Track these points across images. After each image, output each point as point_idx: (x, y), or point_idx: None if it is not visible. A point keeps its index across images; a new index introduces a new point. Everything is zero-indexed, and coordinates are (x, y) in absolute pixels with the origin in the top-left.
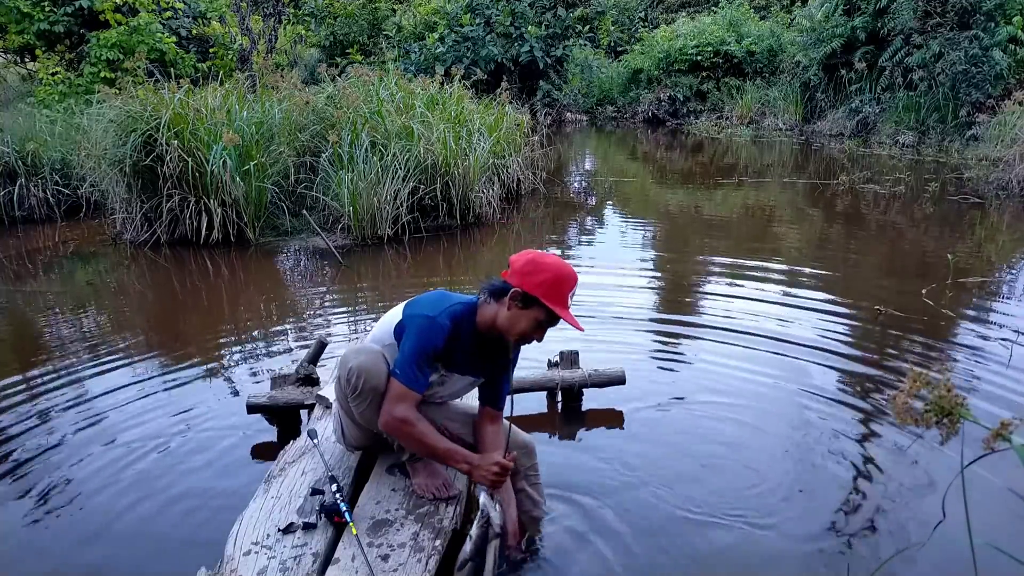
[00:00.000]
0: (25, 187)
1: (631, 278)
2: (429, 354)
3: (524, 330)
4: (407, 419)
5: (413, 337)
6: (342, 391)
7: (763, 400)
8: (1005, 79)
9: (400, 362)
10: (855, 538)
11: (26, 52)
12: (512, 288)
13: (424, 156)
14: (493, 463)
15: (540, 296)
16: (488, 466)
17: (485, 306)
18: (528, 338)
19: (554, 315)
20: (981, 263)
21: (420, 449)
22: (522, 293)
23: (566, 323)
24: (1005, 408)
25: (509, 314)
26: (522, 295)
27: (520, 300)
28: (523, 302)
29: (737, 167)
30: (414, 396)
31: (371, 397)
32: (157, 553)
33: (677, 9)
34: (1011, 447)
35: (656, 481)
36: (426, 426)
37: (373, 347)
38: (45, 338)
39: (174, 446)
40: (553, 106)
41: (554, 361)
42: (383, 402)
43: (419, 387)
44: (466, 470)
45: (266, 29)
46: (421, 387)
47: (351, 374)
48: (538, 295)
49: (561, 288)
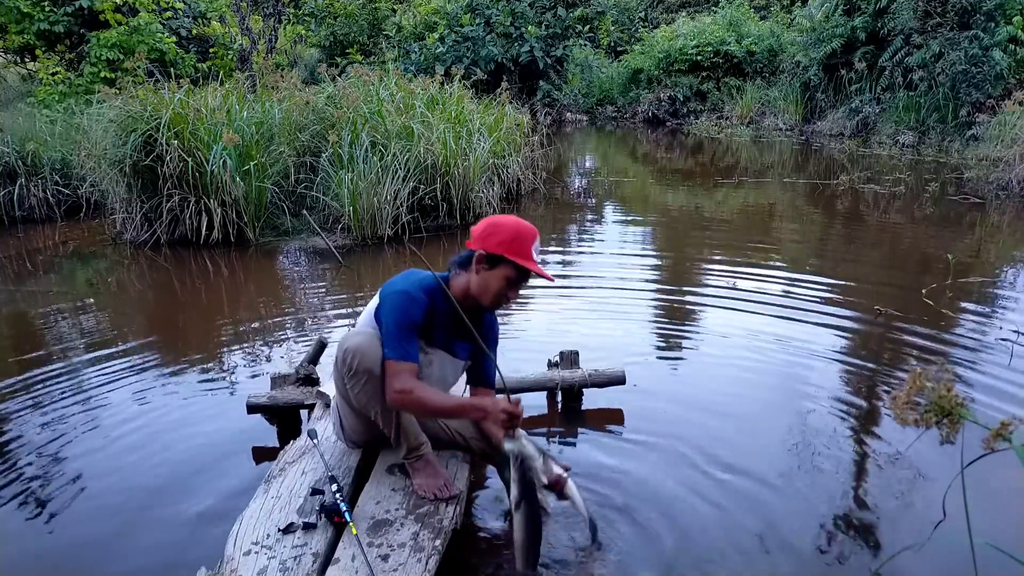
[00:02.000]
0: (25, 187)
1: (631, 278)
2: (410, 326)
3: (497, 290)
4: (407, 388)
5: (392, 312)
6: (339, 372)
7: (763, 400)
8: (1005, 79)
9: (386, 341)
10: (855, 538)
11: (26, 52)
12: (476, 252)
13: (424, 156)
14: (501, 408)
15: (504, 253)
16: (498, 412)
17: (456, 278)
18: (503, 298)
19: (522, 269)
20: (981, 263)
21: (431, 412)
22: (486, 254)
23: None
24: (1005, 408)
25: (479, 278)
26: (487, 256)
27: (486, 261)
28: (489, 262)
29: (737, 167)
30: (409, 366)
31: (366, 377)
32: (157, 553)
33: (677, 9)
34: (1011, 447)
35: (655, 481)
36: (429, 390)
37: (369, 330)
38: (45, 338)
39: (174, 446)
40: (553, 106)
41: (554, 361)
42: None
43: (411, 357)
44: (482, 416)
45: (266, 29)
46: (413, 357)
47: (347, 354)
48: (501, 252)
49: (523, 242)
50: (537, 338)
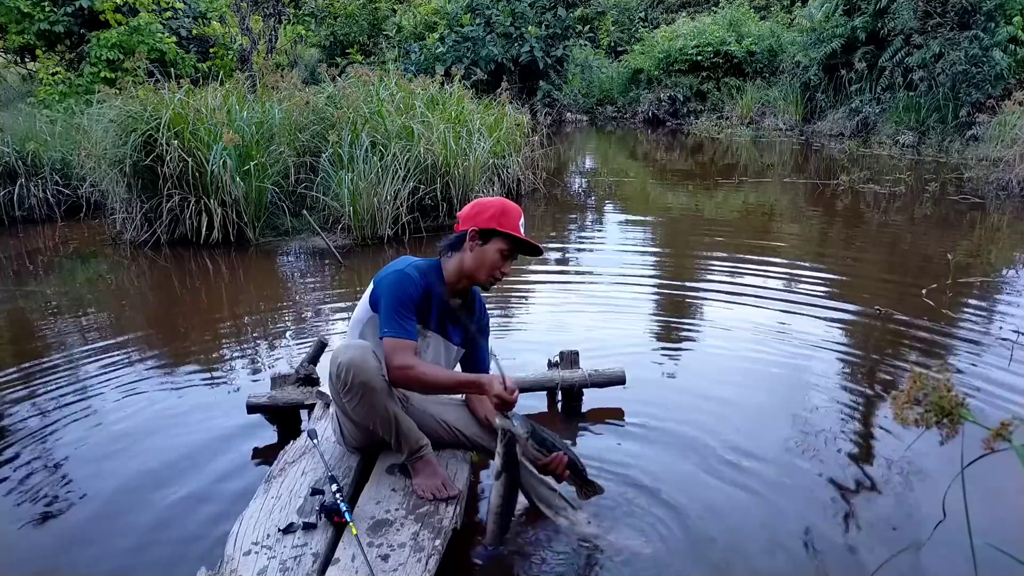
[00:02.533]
0: (25, 187)
1: (631, 277)
2: (408, 304)
3: (492, 263)
4: (406, 365)
5: (388, 293)
6: (334, 388)
7: (763, 400)
8: (1005, 79)
9: (384, 320)
10: (855, 538)
11: (26, 52)
12: (468, 231)
13: (424, 156)
14: (495, 393)
15: (495, 226)
16: (492, 393)
17: (447, 260)
18: (497, 272)
19: (514, 241)
20: (981, 263)
21: (432, 388)
22: (479, 230)
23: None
24: (1005, 408)
25: (473, 254)
26: (479, 231)
27: (479, 237)
28: (482, 238)
29: (737, 167)
30: (407, 344)
31: (362, 392)
32: (157, 553)
33: (677, 9)
34: (1011, 447)
35: (654, 482)
36: (428, 366)
37: (362, 342)
38: (44, 338)
39: (173, 446)
40: (553, 106)
41: (554, 361)
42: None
43: (409, 335)
44: (479, 391)
45: (266, 29)
46: (411, 334)
47: (340, 369)
48: (493, 226)
49: (510, 216)
50: (537, 337)
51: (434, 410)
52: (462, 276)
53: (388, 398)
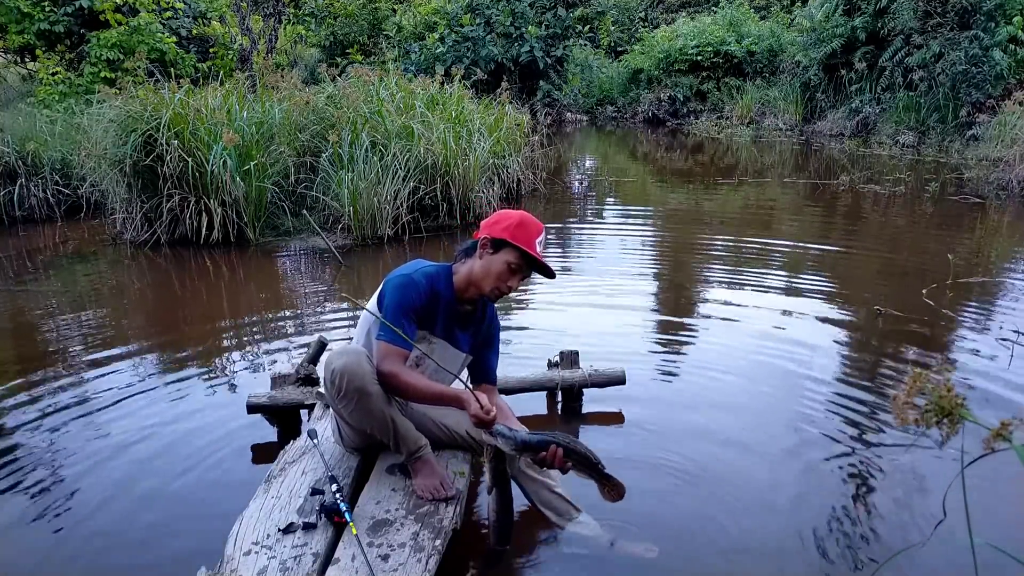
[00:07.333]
0: (25, 187)
1: (631, 277)
2: (408, 310)
3: (498, 274)
4: (391, 372)
5: (391, 296)
6: (329, 394)
7: (762, 400)
8: (1005, 79)
9: (382, 324)
10: (855, 538)
11: (26, 52)
12: (482, 238)
13: (424, 156)
14: (472, 412)
15: (508, 238)
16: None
17: (460, 265)
18: (502, 284)
19: (524, 256)
20: (981, 263)
21: (413, 398)
22: (491, 238)
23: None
24: (1005, 408)
25: (482, 262)
26: (491, 240)
27: (490, 245)
28: (493, 247)
29: (737, 167)
30: (398, 350)
31: (356, 398)
32: (157, 552)
33: (677, 9)
34: (1011, 447)
35: (654, 482)
36: (414, 375)
37: (356, 348)
38: (44, 338)
39: (174, 446)
40: (553, 106)
41: (554, 361)
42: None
43: (402, 342)
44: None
45: (266, 29)
46: (404, 342)
47: (334, 375)
48: (506, 237)
49: (527, 231)
50: (537, 337)
51: (434, 413)
52: (470, 283)
53: (383, 402)
